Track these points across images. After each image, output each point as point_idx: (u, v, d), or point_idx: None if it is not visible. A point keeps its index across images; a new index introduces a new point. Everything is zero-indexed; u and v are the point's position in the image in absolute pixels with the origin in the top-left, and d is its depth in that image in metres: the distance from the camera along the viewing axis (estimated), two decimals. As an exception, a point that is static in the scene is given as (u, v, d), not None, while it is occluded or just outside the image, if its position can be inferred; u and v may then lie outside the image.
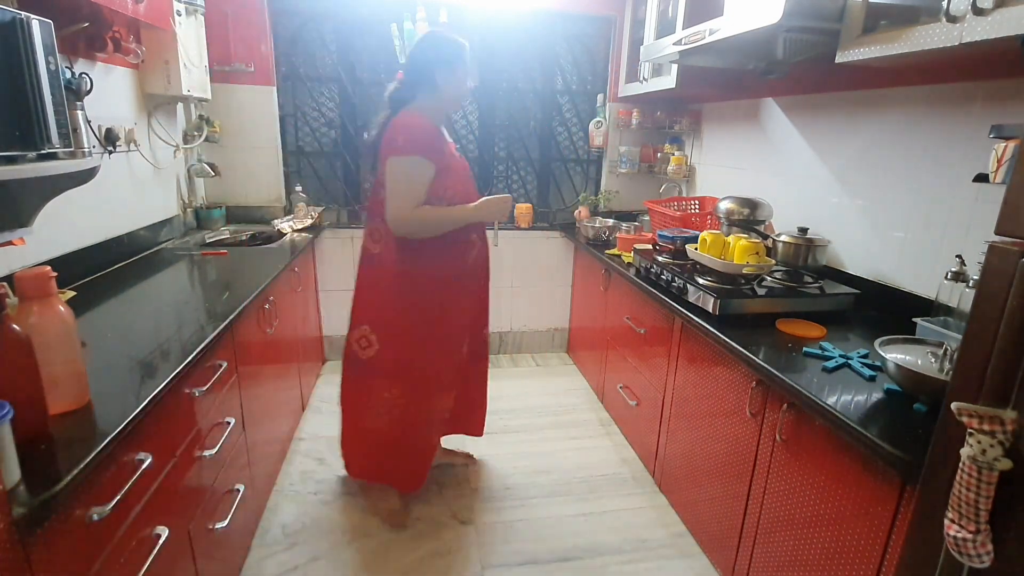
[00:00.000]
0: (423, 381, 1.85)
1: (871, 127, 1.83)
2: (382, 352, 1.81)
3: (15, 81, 1.11)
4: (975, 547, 0.79)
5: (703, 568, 1.81)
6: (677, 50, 2.01)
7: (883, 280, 1.81)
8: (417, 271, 1.74)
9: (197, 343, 1.31)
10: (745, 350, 1.47)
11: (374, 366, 1.82)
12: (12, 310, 0.91)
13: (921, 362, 1.22)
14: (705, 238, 1.92)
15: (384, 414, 1.85)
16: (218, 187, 2.92)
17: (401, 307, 1.77)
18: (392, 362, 1.81)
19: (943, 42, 1.16)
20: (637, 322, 2.30)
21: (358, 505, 2.04)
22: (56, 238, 1.70)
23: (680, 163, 3.00)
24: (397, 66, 2.94)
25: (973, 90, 1.50)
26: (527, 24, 3.07)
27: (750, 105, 2.48)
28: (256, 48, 2.77)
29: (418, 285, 1.76)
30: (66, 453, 0.87)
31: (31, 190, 1.30)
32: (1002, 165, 1.20)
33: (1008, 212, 0.80)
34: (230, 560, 1.63)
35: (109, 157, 1.97)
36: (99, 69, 1.94)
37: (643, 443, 2.32)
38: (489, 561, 1.81)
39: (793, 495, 1.36)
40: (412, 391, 1.84)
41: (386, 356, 1.81)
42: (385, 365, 1.81)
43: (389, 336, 1.80)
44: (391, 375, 1.82)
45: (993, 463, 0.76)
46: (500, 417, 2.70)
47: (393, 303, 1.78)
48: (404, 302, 1.77)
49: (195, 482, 1.34)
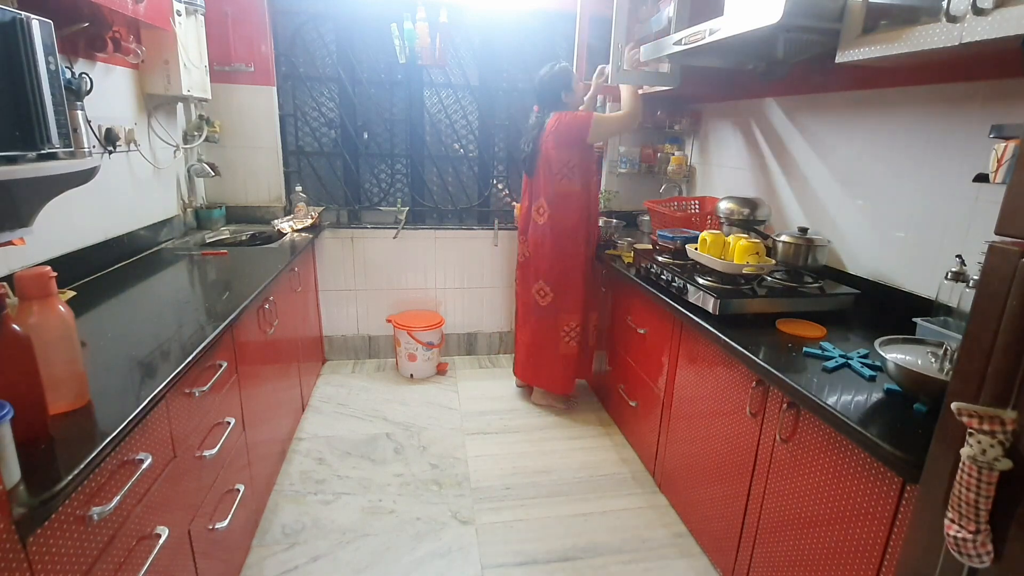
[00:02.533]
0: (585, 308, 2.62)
1: (871, 127, 1.83)
2: (556, 298, 2.57)
3: (15, 81, 1.11)
4: (975, 547, 0.79)
5: (703, 568, 1.81)
6: (677, 50, 2.01)
7: (883, 280, 1.81)
8: (563, 232, 2.50)
9: (197, 343, 1.31)
10: (745, 350, 1.47)
11: (554, 309, 2.58)
12: (12, 310, 0.91)
13: (921, 362, 1.22)
14: (705, 238, 1.92)
15: (572, 340, 2.62)
16: (218, 187, 2.92)
17: (560, 259, 2.52)
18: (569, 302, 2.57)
19: (943, 42, 1.16)
20: (637, 322, 2.30)
21: (358, 505, 2.04)
22: (56, 238, 1.70)
23: (680, 163, 2.99)
24: (397, 66, 2.95)
25: (973, 90, 1.50)
26: (527, 24, 3.07)
27: (750, 105, 2.48)
28: (256, 48, 2.77)
29: (564, 241, 2.51)
30: (66, 453, 0.86)
31: (31, 190, 1.30)
32: (1002, 165, 1.20)
33: (1008, 212, 0.80)
34: (230, 560, 1.63)
35: (109, 157, 1.98)
36: (99, 69, 1.94)
37: (643, 443, 2.33)
38: (489, 561, 1.81)
39: (793, 495, 1.36)
40: (583, 318, 2.62)
41: (560, 300, 2.57)
42: (568, 305, 2.57)
43: (559, 284, 2.55)
44: (570, 311, 2.58)
45: (993, 463, 0.76)
46: (500, 417, 2.71)
47: (554, 258, 2.52)
48: (561, 254, 2.52)
49: (195, 482, 1.34)
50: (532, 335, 2.68)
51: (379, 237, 3.14)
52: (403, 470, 2.26)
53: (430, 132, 3.19)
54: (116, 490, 0.96)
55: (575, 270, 2.54)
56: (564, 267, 2.53)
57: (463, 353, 3.45)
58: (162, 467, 1.16)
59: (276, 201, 3.01)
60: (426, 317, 3.14)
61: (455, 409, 2.78)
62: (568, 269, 2.53)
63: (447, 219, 3.34)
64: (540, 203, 2.51)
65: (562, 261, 2.52)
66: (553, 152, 2.43)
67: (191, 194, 2.74)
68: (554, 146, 2.42)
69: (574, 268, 2.54)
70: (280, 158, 2.98)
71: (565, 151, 2.42)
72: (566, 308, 2.58)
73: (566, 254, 2.52)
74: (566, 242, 2.51)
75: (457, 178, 3.31)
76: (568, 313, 2.58)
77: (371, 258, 3.16)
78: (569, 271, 2.54)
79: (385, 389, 2.95)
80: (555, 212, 2.48)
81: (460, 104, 3.18)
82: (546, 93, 2.49)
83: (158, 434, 1.14)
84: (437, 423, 2.63)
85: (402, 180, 3.25)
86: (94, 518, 0.89)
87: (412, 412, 2.72)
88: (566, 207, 2.47)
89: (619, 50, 2.40)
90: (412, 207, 3.23)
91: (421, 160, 3.21)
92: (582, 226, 2.51)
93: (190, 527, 1.30)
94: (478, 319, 3.41)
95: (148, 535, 1.09)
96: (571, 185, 2.45)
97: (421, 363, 3.06)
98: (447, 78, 3.11)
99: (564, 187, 2.45)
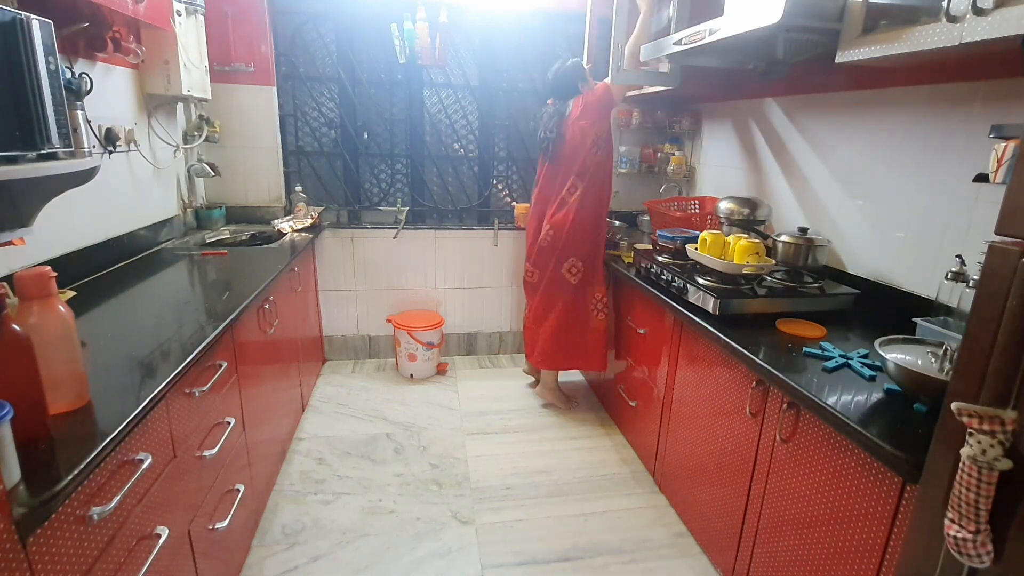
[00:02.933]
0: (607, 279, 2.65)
1: (871, 127, 1.83)
2: (585, 273, 2.60)
3: (15, 81, 1.11)
4: (975, 547, 0.79)
5: (703, 568, 1.81)
6: (677, 50, 2.01)
7: (883, 280, 1.81)
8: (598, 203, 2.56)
9: (197, 343, 1.31)
10: (745, 350, 1.47)
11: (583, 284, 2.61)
12: (12, 310, 0.91)
13: (921, 362, 1.22)
14: (705, 238, 1.92)
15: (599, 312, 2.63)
16: (218, 187, 2.92)
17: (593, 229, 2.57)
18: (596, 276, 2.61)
19: (943, 42, 1.16)
20: (637, 322, 2.30)
21: (358, 505, 2.04)
22: (56, 238, 1.70)
23: (680, 163, 2.99)
24: (397, 66, 2.95)
25: (973, 90, 1.50)
26: (527, 24, 3.07)
27: (750, 105, 2.48)
28: (256, 48, 2.77)
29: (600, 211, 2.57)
30: (66, 453, 0.86)
31: (31, 190, 1.30)
32: (1002, 165, 1.20)
33: (1008, 212, 0.80)
34: (230, 560, 1.63)
35: (109, 157, 1.98)
36: (99, 69, 1.94)
37: (643, 443, 2.33)
38: (489, 561, 1.81)
39: (793, 495, 1.36)
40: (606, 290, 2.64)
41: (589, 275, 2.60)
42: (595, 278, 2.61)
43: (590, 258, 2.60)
44: (597, 283, 2.61)
45: (993, 463, 0.76)
46: (500, 417, 2.71)
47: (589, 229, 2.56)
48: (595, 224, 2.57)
49: (195, 482, 1.34)
50: (561, 318, 2.66)
51: (379, 237, 3.14)
52: (403, 470, 2.26)
53: (430, 132, 3.19)
54: (116, 490, 0.96)
55: (602, 241, 2.61)
56: (596, 238, 2.59)
57: (463, 353, 3.45)
58: (162, 467, 1.16)
59: (276, 201, 3.01)
60: (426, 317, 3.14)
61: (455, 409, 2.78)
62: (599, 240, 2.59)
63: (447, 219, 3.34)
64: (571, 181, 2.56)
65: (595, 231, 2.58)
66: (589, 128, 2.50)
67: (191, 194, 2.74)
68: (591, 122, 2.50)
69: (601, 239, 2.61)
70: (280, 158, 2.98)
71: (600, 123, 2.51)
72: (593, 281, 2.62)
73: (599, 224, 2.58)
74: (601, 212, 2.58)
75: (457, 178, 3.31)
76: (595, 286, 2.62)
77: (371, 258, 3.16)
78: (599, 242, 2.60)
79: (385, 389, 2.95)
80: (589, 186, 2.53)
81: (460, 104, 3.18)
82: (563, 85, 2.57)
83: (158, 434, 1.14)
84: (437, 423, 2.63)
85: (402, 180, 3.25)
86: (94, 518, 0.89)
87: (412, 412, 2.73)
88: (601, 178, 2.56)
89: (619, 50, 2.42)
90: (412, 207, 3.23)
91: (421, 160, 3.21)
92: (607, 196, 2.61)
93: (190, 527, 1.30)
94: (478, 319, 3.41)
95: (148, 535, 1.09)
96: (604, 156, 2.55)
97: (421, 363, 3.06)
98: (447, 78, 3.11)
99: (599, 159, 2.53)
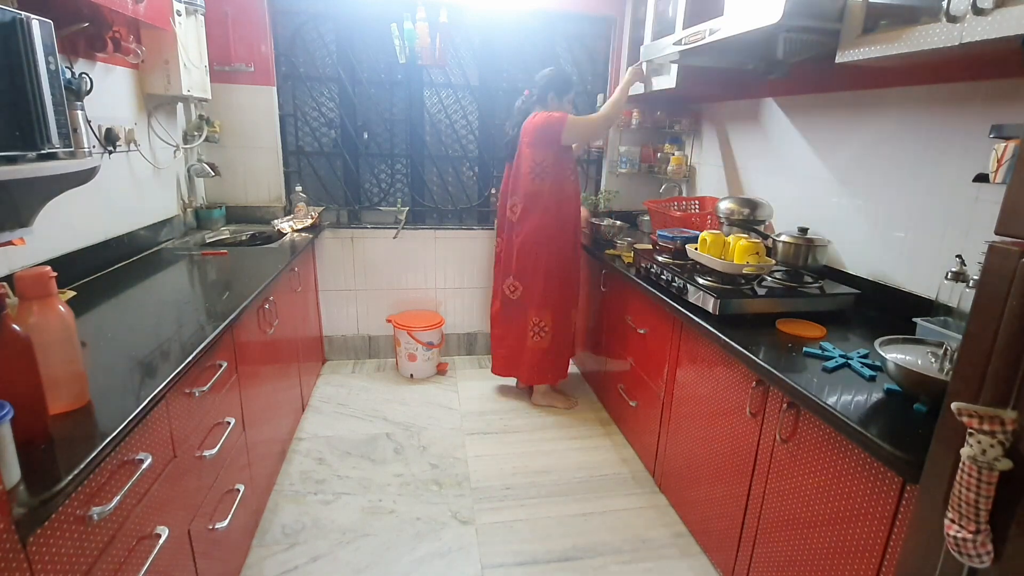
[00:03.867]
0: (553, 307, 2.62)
1: (871, 127, 1.83)
2: (524, 293, 2.61)
3: (15, 81, 1.11)
4: (975, 547, 0.79)
5: (703, 568, 1.81)
6: (677, 50, 2.01)
7: (883, 280, 1.81)
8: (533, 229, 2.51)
9: (197, 343, 1.31)
10: (745, 350, 1.47)
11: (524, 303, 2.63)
12: (12, 310, 0.91)
13: (921, 362, 1.22)
14: (705, 238, 1.92)
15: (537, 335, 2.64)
16: (218, 187, 2.92)
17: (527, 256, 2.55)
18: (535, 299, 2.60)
19: (943, 42, 1.16)
20: (637, 322, 2.30)
21: (358, 505, 2.04)
22: (56, 238, 1.70)
23: (680, 163, 3.00)
24: (397, 66, 2.95)
25: (973, 90, 1.50)
26: (527, 24, 3.07)
27: (750, 105, 2.48)
28: (256, 48, 2.77)
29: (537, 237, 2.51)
30: (66, 453, 0.86)
31: (31, 190, 1.30)
32: (1002, 165, 1.20)
33: (1008, 212, 0.80)
34: (230, 560, 1.63)
35: (109, 157, 1.97)
36: (99, 69, 1.94)
37: (643, 443, 2.33)
38: (489, 561, 1.81)
39: (793, 495, 1.36)
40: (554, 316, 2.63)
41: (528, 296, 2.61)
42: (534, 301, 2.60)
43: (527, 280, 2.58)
44: (538, 307, 2.60)
45: (993, 463, 0.76)
46: (500, 417, 2.71)
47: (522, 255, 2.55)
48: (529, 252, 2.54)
49: (195, 482, 1.34)
50: (504, 327, 2.74)
51: (379, 237, 3.14)
52: (403, 470, 2.26)
53: (430, 132, 3.19)
54: (116, 490, 0.96)
55: (550, 269, 2.55)
56: (531, 265, 2.56)
57: (463, 353, 3.45)
58: (162, 467, 1.16)
59: (276, 201, 3.01)
60: (426, 317, 3.14)
61: (455, 409, 2.78)
62: (540, 267, 2.55)
63: (447, 219, 3.34)
64: (515, 199, 2.55)
65: (535, 258, 2.54)
66: (527, 150, 2.46)
67: (191, 194, 2.74)
68: (528, 144, 2.45)
69: (547, 267, 2.55)
70: (280, 158, 2.98)
71: (540, 150, 2.43)
72: (532, 304, 2.60)
73: (534, 253, 2.54)
74: (539, 238, 2.52)
75: (457, 178, 3.31)
76: (533, 309, 2.61)
77: (371, 258, 3.16)
78: (543, 269, 2.55)
79: (385, 389, 2.95)
80: (524, 210, 2.52)
81: (460, 104, 3.18)
82: (539, 88, 2.54)
83: (158, 434, 1.14)
84: (437, 423, 2.63)
85: (402, 180, 3.25)
86: (94, 518, 0.89)
87: (412, 412, 2.73)
88: (534, 206, 2.50)
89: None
90: (412, 207, 3.23)
91: (421, 160, 3.21)
92: (550, 227, 2.51)
93: (190, 527, 1.30)
94: (478, 319, 3.41)
95: (148, 535, 1.09)
96: (541, 185, 2.46)
97: (421, 363, 3.06)
98: (447, 78, 3.11)
99: (535, 187, 2.47)
